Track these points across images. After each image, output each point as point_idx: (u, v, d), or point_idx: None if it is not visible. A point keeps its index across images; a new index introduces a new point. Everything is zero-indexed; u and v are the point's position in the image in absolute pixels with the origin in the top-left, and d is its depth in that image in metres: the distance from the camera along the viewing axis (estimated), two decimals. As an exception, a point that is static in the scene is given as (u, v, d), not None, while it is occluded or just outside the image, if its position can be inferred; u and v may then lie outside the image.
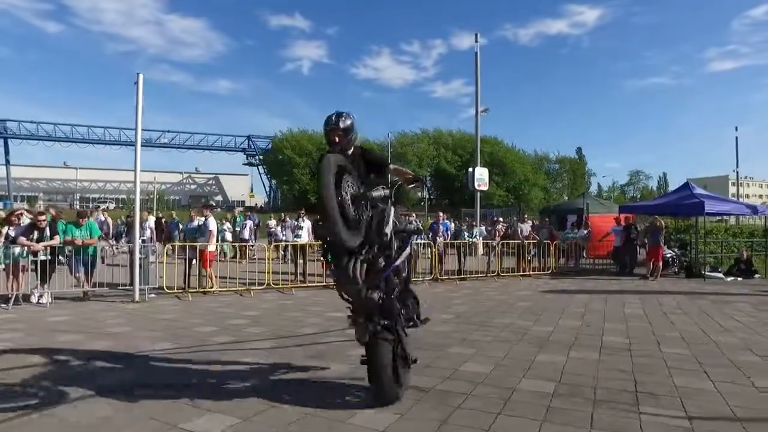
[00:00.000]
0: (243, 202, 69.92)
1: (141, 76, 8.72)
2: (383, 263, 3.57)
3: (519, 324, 7.01)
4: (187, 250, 10.60)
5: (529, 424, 3.36)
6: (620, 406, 3.72)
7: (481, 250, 15.63)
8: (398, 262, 3.62)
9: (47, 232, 9.09)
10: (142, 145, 8.88)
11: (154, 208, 36.89)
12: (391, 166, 3.85)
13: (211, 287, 10.40)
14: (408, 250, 3.83)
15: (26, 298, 8.88)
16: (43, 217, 9.15)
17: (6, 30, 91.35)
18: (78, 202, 60.67)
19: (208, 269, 10.57)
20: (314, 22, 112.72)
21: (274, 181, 66.76)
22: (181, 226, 13.30)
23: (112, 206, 54.37)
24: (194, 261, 10.58)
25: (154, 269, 10.06)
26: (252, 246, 14.88)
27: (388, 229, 3.48)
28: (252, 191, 76.38)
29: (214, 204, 61.18)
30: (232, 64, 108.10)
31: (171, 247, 11.03)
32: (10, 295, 8.61)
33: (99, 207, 31.66)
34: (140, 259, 9.54)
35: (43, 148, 64.79)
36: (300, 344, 5.91)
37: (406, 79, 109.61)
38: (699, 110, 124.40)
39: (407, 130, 58.22)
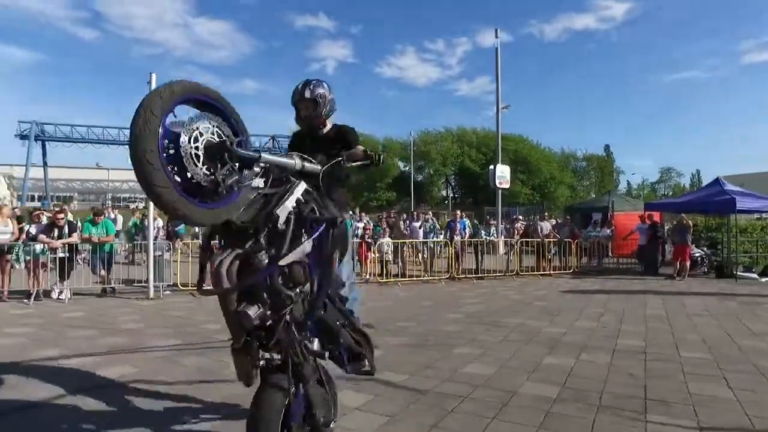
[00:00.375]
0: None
1: (154, 76, 8.79)
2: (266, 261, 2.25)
3: (531, 324, 6.78)
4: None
5: (523, 431, 3.18)
6: (625, 413, 3.50)
7: (502, 249, 15.35)
8: (285, 260, 2.23)
9: (66, 230, 9.28)
10: None
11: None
12: (360, 148, 2.96)
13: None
14: (308, 245, 2.34)
15: (47, 294, 9.09)
16: (62, 216, 9.34)
17: (45, 37, 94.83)
18: (110, 202, 62.32)
19: None
20: (339, 21, 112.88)
21: (298, 180, 67.18)
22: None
23: (141, 205, 55.67)
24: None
25: (169, 267, 10.19)
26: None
27: (281, 212, 2.29)
28: (277, 190, 77.00)
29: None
30: (258, 65, 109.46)
31: (185, 245, 11.14)
32: (31, 291, 8.83)
33: (128, 206, 32.38)
34: (155, 256, 9.67)
35: (77, 150, 66.79)
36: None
37: (430, 77, 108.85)
38: (735, 104, 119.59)
39: (431, 129, 57.95)
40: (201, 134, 2.06)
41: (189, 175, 2.01)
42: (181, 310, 8.16)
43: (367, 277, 11.94)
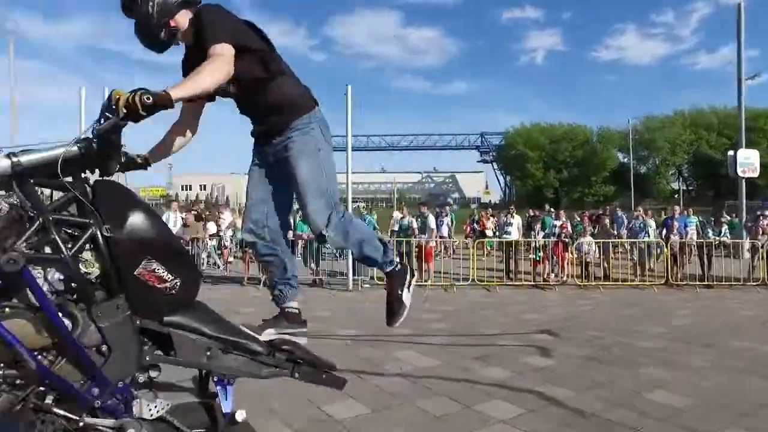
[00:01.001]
0: (479, 198, 71.49)
1: (350, 88, 9.69)
2: None
3: (762, 350, 5.36)
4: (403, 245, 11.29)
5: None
6: None
7: (746, 253, 12.54)
8: None
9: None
10: (383, 149, 9.85)
11: (394, 206, 40.38)
12: (216, 47, 1.92)
13: (426, 280, 10.88)
14: None
15: (273, 281, 10.75)
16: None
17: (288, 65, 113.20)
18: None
19: (430, 263, 11.07)
20: (547, 10, 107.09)
21: (508, 177, 66.42)
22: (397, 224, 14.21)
23: (363, 205, 61.76)
24: (408, 255, 11.15)
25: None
26: (454, 242, 14.95)
27: None
28: (487, 188, 77.32)
29: (451, 201, 64.42)
30: (465, 65, 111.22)
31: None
32: (261, 278, 10.57)
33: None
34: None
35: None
36: (473, 344, 5.69)
37: (656, 54, 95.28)
38: None
39: (656, 113, 50.58)
40: None
41: None
42: (373, 302, 8.75)
43: (564, 278, 11.08)
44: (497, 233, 13.18)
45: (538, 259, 11.21)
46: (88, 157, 1.63)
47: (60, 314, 1.51)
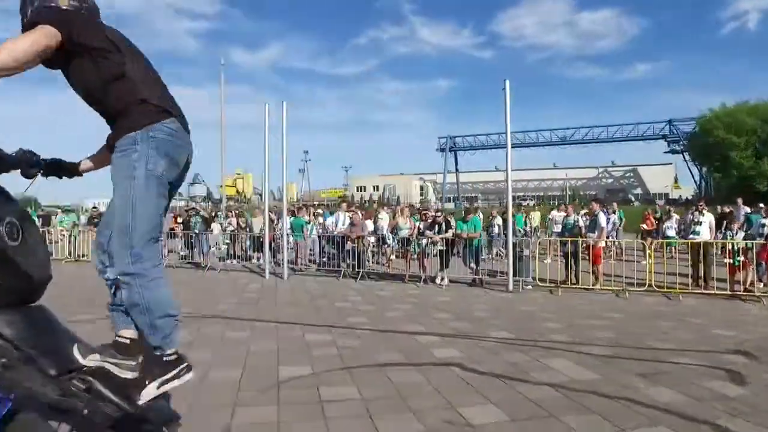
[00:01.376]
0: (666, 194, 63.45)
1: (507, 83, 9.39)
2: None
3: None
4: (568, 245, 10.60)
5: None
6: None
7: None
8: None
9: (443, 227, 10.98)
10: (554, 144, 9.59)
11: (566, 204, 37.86)
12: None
13: (594, 284, 10.07)
14: None
15: (432, 279, 10.93)
16: (440, 215, 11.10)
17: (455, 66, 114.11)
18: (503, 200, 69.20)
19: (599, 265, 10.25)
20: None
21: (703, 169, 57.56)
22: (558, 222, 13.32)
23: (532, 203, 59.04)
24: (574, 256, 10.43)
25: (534, 263, 10.59)
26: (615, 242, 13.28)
27: None
28: (676, 182, 68.10)
29: (632, 198, 58.15)
30: (649, 44, 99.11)
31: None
32: (422, 276, 10.88)
33: (520, 205, 34.90)
34: (518, 252, 10.25)
35: (480, 155, 77.98)
36: (641, 358, 5.06)
37: None
38: None
39: None
40: None
41: None
42: (531, 305, 8.38)
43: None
44: (682, 233, 11.48)
45: (737, 264, 9.47)
46: None
47: None
